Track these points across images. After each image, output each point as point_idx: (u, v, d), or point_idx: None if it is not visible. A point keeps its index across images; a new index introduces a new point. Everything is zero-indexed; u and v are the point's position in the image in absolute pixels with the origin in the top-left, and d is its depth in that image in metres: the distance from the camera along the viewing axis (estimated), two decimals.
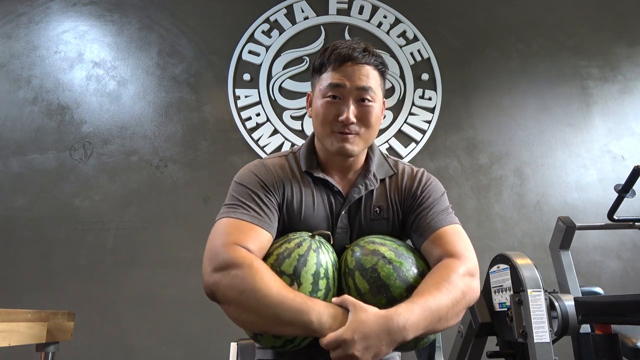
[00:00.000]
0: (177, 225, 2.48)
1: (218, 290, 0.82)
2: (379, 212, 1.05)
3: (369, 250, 0.94)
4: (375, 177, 1.07)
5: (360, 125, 0.99)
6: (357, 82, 0.97)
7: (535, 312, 1.24)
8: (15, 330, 1.12)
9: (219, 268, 0.83)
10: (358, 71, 0.97)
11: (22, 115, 2.58)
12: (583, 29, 3.00)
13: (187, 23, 2.77)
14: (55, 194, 2.48)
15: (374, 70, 1.00)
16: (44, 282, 2.35)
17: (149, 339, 2.31)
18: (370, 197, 1.06)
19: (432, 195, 1.07)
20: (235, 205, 0.94)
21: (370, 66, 0.99)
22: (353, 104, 0.97)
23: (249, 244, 0.87)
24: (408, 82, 2.78)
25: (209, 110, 2.67)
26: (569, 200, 2.73)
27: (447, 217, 1.04)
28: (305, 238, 0.94)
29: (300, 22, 2.81)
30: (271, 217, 0.95)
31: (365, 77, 0.97)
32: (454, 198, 2.65)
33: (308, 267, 0.87)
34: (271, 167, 1.04)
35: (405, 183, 1.08)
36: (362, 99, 0.98)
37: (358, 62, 0.97)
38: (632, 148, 2.85)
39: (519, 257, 1.35)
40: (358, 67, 0.97)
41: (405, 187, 1.08)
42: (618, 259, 2.65)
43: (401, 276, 0.90)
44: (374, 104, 0.99)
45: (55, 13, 2.75)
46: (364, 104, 0.98)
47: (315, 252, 0.90)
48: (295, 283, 0.85)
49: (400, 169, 1.11)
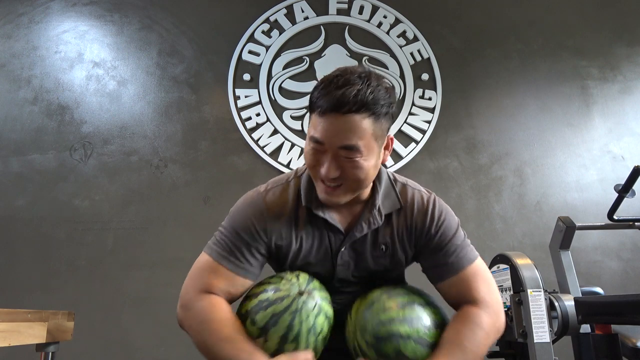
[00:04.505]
0: (177, 225, 2.48)
1: (182, 324, 0.96)
2: (384, 250, 1.00)
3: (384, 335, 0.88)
4: (381, 212, 0.98)
5: (345, 179, 0.89)
6: (338, 141, 0.84)
7: (535, 312, 1.24)
8: (15, 330, 1.12)
9: (185, 308, 0.95)
10: (342, 125, 0.83)
11: (22, 115, 2.58)
12: (583, 29, 3.00)
13: (187, 23, 2.77)
14: (55, 194, 2.48)
15: (367, 119, 0.84)
16: (44, 282, 2.35)
17: (149, 339, 2.31)
18: (376, 233, 1.00)
19: (447, 233, 0.99)
20: (222, 244, 0.97)
21: (360, 115, 0.83)
22: (335, 159, 0.86)
23: (219, 290, 0.95)
24: (408, 82, 2.78)
25: (209, 110, 2.67)
26: (569, 200, 2.72)
27: (465, 255, 0.98)
28: (290, 294, 0.90)
29: (300, 22, 2.81)
30: (253, 263, 0.96)
31: (350, 134, 0.83)
32: (453, 198, 2.65)
33: (277, 328, 0.87)
34: (268, 206, 0.97)
35: (415, 219, 0.99)
36: (346, 156, 0.86)
37: (344, 113, 0.83)
38: (632, 148, 2.85)
39: (519, 257, 1.35)
40: (344, 120, 0.83)
41: (416, 225, 0.99)
42: (618, 259, 2.65)
43: (422, 342, 0.89)
44: (360, 160, 0.86)
45: (55, 13, 2.75)
46: (349, 160, 0.86)
47: (291, 315, 0.87)
48: (262, 337, 0.88)
49: (410, 200, 1.01)
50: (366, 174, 0.89)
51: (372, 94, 0.84)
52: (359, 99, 0.83)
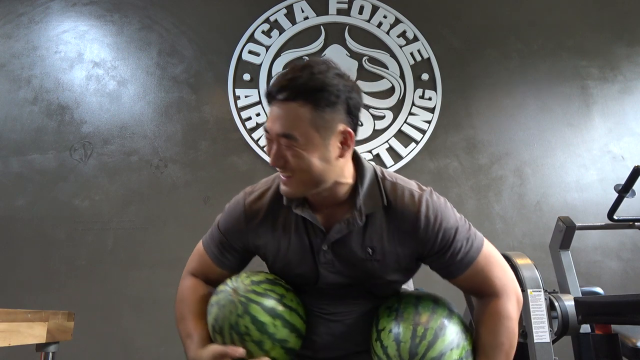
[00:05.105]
0: (177, 225, 2.48)
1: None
2: (371, 254, 0.94)
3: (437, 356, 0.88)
4: (361, 212, 0.92)
5: (286, 168, 0.87)
6: (276, 128, 0.85)
7: (535, 312, 1.24)
8: (15, 330, 1.12)
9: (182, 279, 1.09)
10: (280, 113, 0.84)
11: (22, 115, 2.58)
12: (583, 29, 3.00)
13: (187, 23, 2.77)
14: (55, 194, 2.48)
15: (304, 107, 0.83)
16: (44, 282, 2.35)
17: (149, 339, 2.31)
18: (361, 234, 0.94)
19: (448, 233, 0.92)
20: (211, 236, 1.07)
21: (296, 102, 0.83)
22: (278, 148, 0.86)
23: (200, 274, 1.08)
24: (408, 82, 2.78)
25: (209, 110, 2.67)
26: (569, 200, 2.72)
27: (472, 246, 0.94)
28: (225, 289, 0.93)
29: (300, 22, 2.81)
30: (229, 259, 1.05)
31: (285, 121, 0.84)
32: (453, 198, 2.65)
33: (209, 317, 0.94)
34: (247, 209, 1.00)
35: (407, 223, 0.93)
36: (286, 145, 0.86)
37: (281, 101, 0.84)
38: (632, 148, 2.85)
39: (519, 257, 1.36)
40: (282, 108, 0.84)
41: (407, 229, 0.93)
42: (618, 259, 2.65)
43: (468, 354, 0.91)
44: (299, 150, 0.84)
45: (55, 13, 2.75)
46: (289, 149, 0.85)
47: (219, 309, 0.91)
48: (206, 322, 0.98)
49: (399, 200, 0.94)
50: (310, 166, 0.85)
51: (312, 81, 0.83)
52: (294, 86, 0.83)
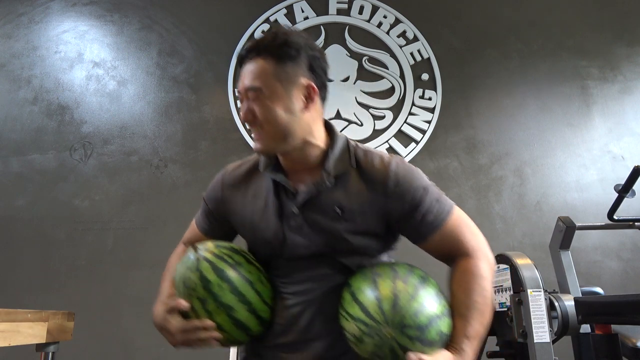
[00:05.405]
0: (177, 225, 2.46)
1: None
2: (340, 214, 0.95)
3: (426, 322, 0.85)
4: (329, 173, 0.96)
5: (255, 122, 0.94)
6: (243, 84, 0.94)
7: (535, 312, 1.24)
8: (15, 330, 1.12)
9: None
10: (247, 70, 0.94)
11: (22, 115, 2.58)
12: (583, 29, 3.00)
13: (187, 23, 2.77)
14: (55, 194, 2.48)
15: (266, 60, 0.92)
16: (44, 282, 2.35)
17: (149, 339, 2.30)
18: (330, 195, 0.96)
19: (416, 190, 0.96)
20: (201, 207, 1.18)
21: (262, 58, 0.93)
22: (247, 103, 0.94)
23: (188, 241, 1.19)
24: (408, 82, 2.78)
25: (209, 110, 2.67)
26: (569, 200, 2.72)
27: (443, 208, 0.98)
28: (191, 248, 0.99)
29: (300, 22, 2.80)
30: (208, 224, 1.14)
31: (251, 75, 0.93)
32: (454, 198, 2.62)
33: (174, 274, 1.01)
34: (225, 176, 1.10)
35: (377, 183, 0.96)
36: (253, 98, 0.93)
37: (249, 60, 0.94)
38: (632, 148, 2.85)
39: (519, 257, 1.35)
40: (249, 66, 0.94)
41: (377, 188, 0.96)
42: (618, 259, 2.65)
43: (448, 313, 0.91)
44: (265, 100, 0.92)
45: (55, 13, 2.75)
46: (255, 101, 0.93)
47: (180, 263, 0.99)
48: None
49: (369, 162, 0.98)
50: (276, 116, 0.92)
51: (276, 39, 0.93)
52: (259, 44, 0.94)
